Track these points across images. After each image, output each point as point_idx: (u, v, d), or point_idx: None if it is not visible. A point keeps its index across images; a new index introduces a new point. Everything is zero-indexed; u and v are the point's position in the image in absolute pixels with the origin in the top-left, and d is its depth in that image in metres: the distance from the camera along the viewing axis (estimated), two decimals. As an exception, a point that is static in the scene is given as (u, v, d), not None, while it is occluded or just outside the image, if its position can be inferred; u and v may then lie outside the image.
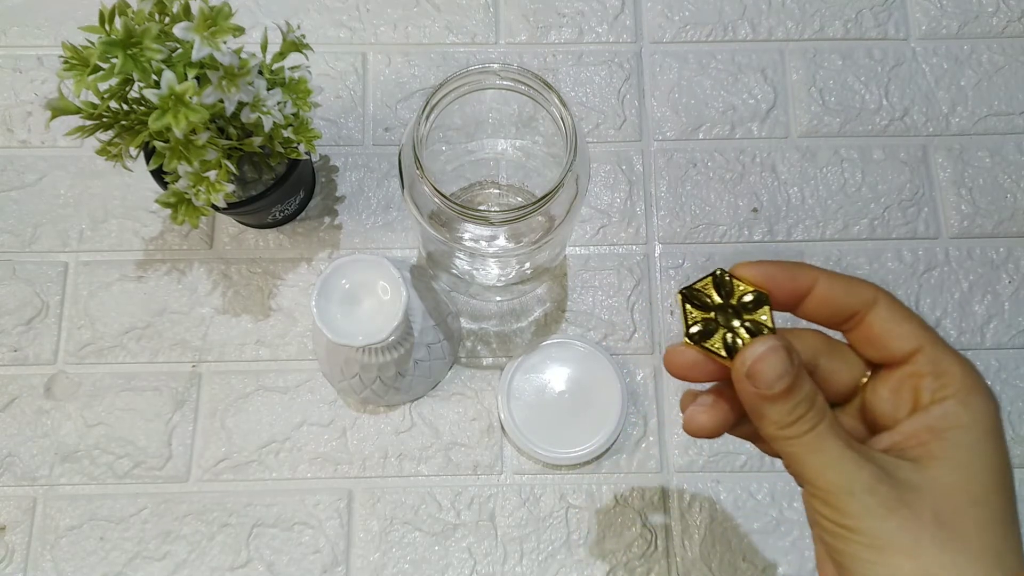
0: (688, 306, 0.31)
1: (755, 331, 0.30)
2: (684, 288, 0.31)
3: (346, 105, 0.65)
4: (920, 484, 0.27)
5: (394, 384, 0.55)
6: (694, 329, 0.30)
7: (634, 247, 0.63)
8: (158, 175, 0.53)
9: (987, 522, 0.26)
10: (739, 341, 0.30)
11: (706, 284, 0.31)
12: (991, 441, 0.28)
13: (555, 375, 0.58)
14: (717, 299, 0.31)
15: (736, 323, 0.30)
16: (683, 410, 0.33)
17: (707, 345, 0.30)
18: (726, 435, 0.33)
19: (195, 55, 0.43)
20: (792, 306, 0.31)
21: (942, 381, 0.29)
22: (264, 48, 0.52)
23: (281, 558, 0.56)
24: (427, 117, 0.45)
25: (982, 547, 0.26)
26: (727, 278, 0.31)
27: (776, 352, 0.28)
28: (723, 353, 0.30)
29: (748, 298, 0.31)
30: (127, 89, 0.47)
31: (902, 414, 0.30)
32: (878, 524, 0.26)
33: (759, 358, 0.28)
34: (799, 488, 0.30)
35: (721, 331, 0.30)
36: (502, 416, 0.57)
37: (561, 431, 0.57)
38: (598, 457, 0.58)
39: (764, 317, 0.30)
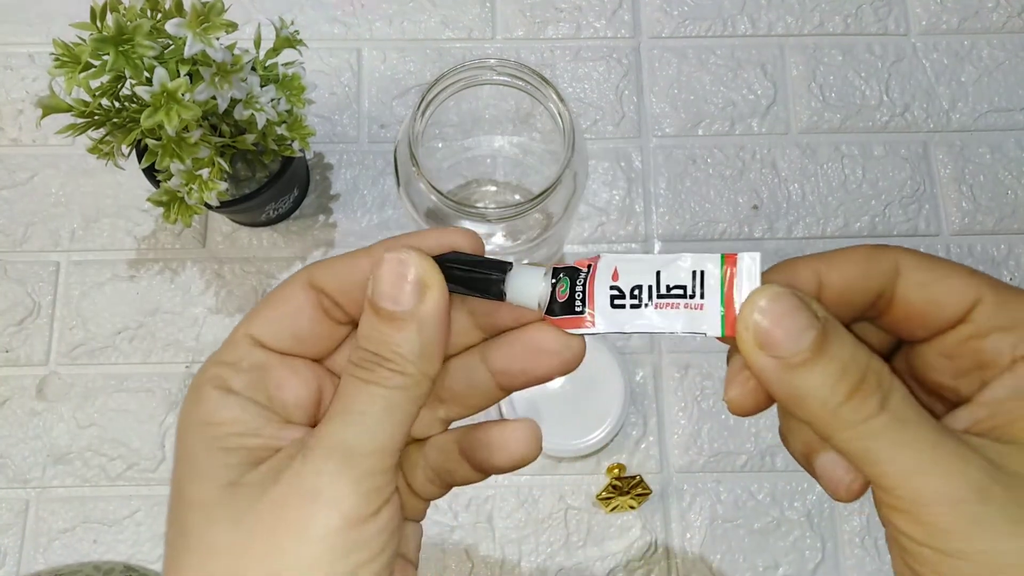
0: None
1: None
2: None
3: (341, 102, 0.65)
4: None
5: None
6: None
7: (633, 245, 0.62)
8: (150, 173, 0.52)
9: None
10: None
11: None
12: None
13: None
14: None
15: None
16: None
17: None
18: (727, 435, 0.31)
19: (187, 51, 0.43)
20: None
21: (1020, 333, 0.21)
22: (257, 44, 0.51)
23: (277, 560, 0.56)
24: (423, 113, 0.44)
25: None
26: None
27: (784, 297, 0.20)
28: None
29: None
30: (119, 86, 0.47)
31: (971, 383, 0.22)
32: (1003, 544, 0.19)
33: (765, 311, 0.20)
34: (800, 487, 0.25)
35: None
36: (503, 407, 0.57)
37: (563, 422, 0.57)
38: (599, 451, 0.57)
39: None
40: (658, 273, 0.21)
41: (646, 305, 0.21)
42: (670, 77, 0.66)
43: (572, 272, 0.23)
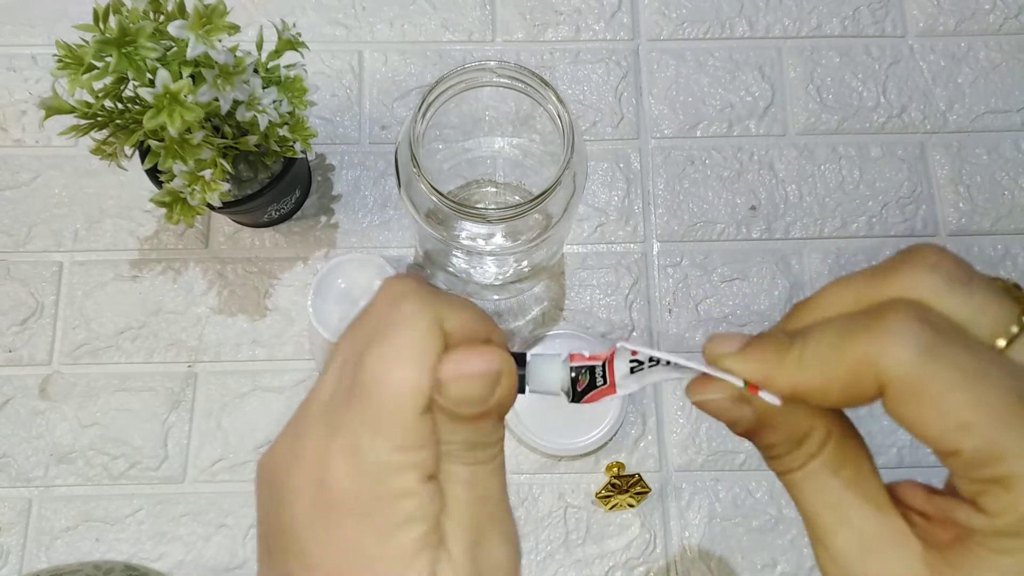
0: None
1: None
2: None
3: (342, 103, 0.65)
4: None
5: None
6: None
7: (632, 245, 0.63)
8: (153, 174, 0.52)
9: None
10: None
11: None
12: None
13: None
14: None
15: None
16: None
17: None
18: (725, 433, 0.32)
19: (190, 53, 0.43)
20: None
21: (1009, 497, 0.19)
22: (259, 46, 0.52)
23: (278, 559, 0.56)
24: (423, 115, 0.44)
25: None
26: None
27: (722, 402, 0.23)
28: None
29: None
30: (122, 88, 0.47)
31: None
32: None
33: (704, 403, 0.23)
34: None
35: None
36: None
37: (562, 422, 0.57)
38: (598, 449, 0.58)
39: None
40: (670, 362, 0.24)
41: (665, 363, 0.24)
42: (668, 79, 0.66)
43: (591, 368, 0.25)
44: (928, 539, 0.21)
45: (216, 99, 0.46)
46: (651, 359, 0.24)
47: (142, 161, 0.49)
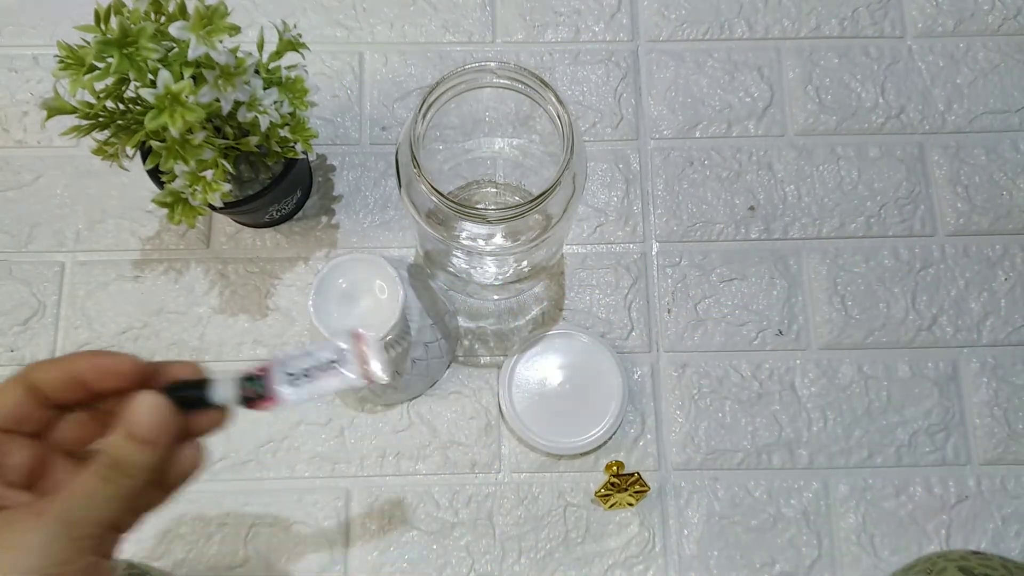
0: None
1: None
2: None
3: (343, 104, 0.65)
4: None
5: (392, 383, 0.55)
6: None
7: (631, 245, 0.63)
8: (154, 174, 0.53)
9: None
10: None
11: None
12: None
13: (557, 365, 0.58)
14: None
15: None
16: None
17: None
18: (724, 433, 0.32)
19: (191, 54, 0.43)
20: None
21: None
22: (260, 47, 0.52)
23: (279, 557, 0.56)
24: (424, 116, 0.45)
25: None
26: None
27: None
28: None
29: None
30: (123, 88, 0.47)
31: None
32: None
33: None
34: (796, 485, 0.28)
35: None
36: (503, 405, 0.57)
37: (561, 420, 0.57)
38: (597, 448, 0.58)
39: None
40: (314, 358, 0.31)
41: (317, 377, 0.31)
42: (668, 80, 0.66)
43: (255, 377, 0.31)
44: None
45: (217, 100, 0.46)
46: (305, 372, 0.31)
47: (143, 161, 0.50)
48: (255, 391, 0.31)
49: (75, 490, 0.28)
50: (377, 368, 0.31)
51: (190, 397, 0.31)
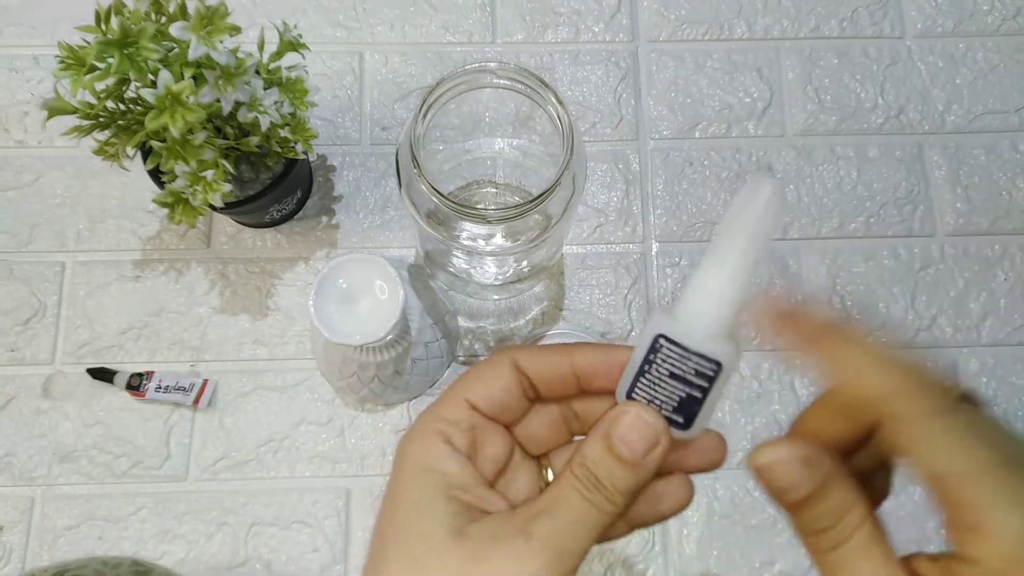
0: None
1: None
2: None
3: (343, 104, 0.65)
4: None
5: (392, 383, 0.55)
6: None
7: (631, 245, 0.63)
8: (155, 175, 0.53)
9: None
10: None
11: None
12: None
13: None
14: None
15: None
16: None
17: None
18: (722, 432, 0.32)
19: (191, 55, 0.43)
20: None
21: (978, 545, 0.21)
22: (261, 47, 0.52)
23: (279, 557, 0.56)
24: (424, 116, 0.45)
25: None
26: None
27: (789, 463, 0.24)
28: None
29: None
30: (124, 89, 0.47)
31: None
32: None
33: (769, 466, 0.25)
34: None
35: None
36: None
37: None
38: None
39: None
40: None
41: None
42: (667, 80, 0.67)
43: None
44: None
45: (218, 100, 0.46)
46: (167, 387, 0.40)
47: (144, 162, 0.50)
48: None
49: (564, 513, 0.25)
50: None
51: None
